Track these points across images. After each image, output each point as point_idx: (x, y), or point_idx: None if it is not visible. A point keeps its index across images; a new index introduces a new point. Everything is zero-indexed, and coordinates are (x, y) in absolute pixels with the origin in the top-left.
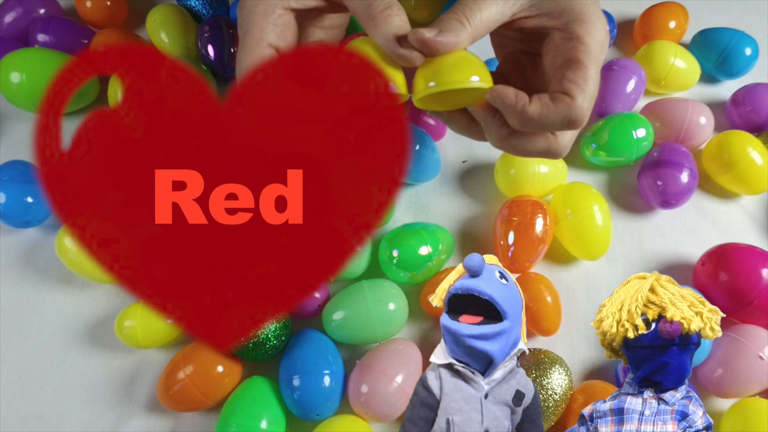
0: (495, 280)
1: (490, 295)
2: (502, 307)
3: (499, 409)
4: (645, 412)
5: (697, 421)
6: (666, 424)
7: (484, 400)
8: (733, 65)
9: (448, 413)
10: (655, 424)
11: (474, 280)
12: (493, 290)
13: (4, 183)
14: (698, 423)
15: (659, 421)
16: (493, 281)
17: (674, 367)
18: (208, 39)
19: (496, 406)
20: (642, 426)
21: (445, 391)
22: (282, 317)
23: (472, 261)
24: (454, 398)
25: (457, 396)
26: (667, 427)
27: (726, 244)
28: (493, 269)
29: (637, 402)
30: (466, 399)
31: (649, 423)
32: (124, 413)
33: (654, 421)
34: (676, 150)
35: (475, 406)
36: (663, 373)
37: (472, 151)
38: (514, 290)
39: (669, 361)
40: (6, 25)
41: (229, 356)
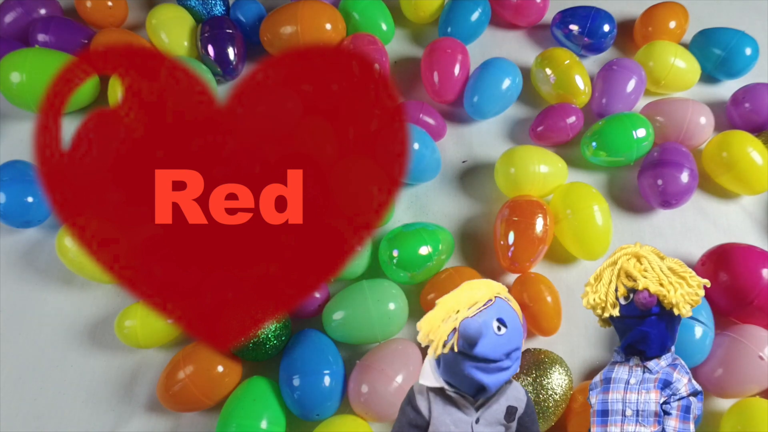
0: (493, 338)
1: (485, 356)
2: (502, 359)
3: (492, 430)
4: (630, 381)
5: (681, 388)
6: (649, 393)
7: (475, 425)
8: (733, 65)
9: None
10: (639, 392)
11: (476, 348)
12: (491, 349)
13: (4, 183)
14: (682, 390)
15: (643, 390)
16: (490, 340)
17: (654, 336)
18: (208, 39)
19: (489, 428)
20: (627, 395)
21: (434, 414)
22: (282, 317)
23: (469, 331)
24: (444, 422)
25: (446, 420)
26: (650, 396)
27: (726, 244)
28: (490, 322)
29: (623, 370)
30: (455, 423)
31: (634, 392)
32: (124, 413)
33: (638, 389)
34: (676, 150)
35: (465, 429)
36: (645, 342)
37: (472, 151)
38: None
39: (648, 330)
40: (6, 25)
41: (229, 356)
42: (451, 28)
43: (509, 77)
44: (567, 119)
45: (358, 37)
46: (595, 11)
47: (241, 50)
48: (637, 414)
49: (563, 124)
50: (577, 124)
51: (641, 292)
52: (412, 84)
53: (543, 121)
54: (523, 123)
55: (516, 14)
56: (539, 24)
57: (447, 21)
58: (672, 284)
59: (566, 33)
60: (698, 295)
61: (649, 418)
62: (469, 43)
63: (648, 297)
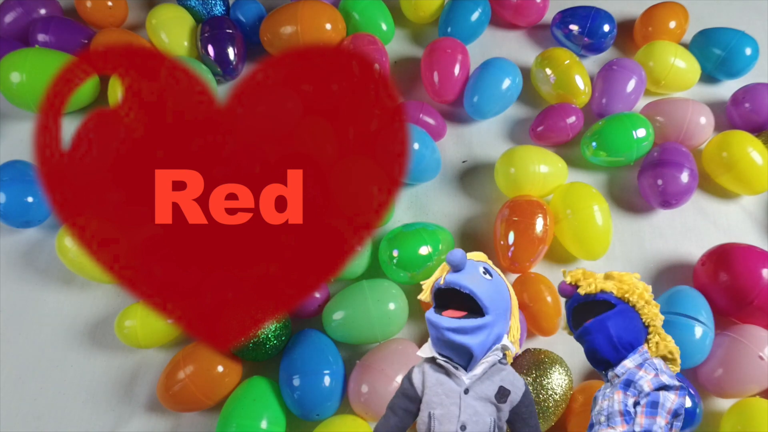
0: (478, 275)
1: (470, 289)
2: (482, 301)
3: (481, 405)
4: (606, 390)
5: (644, 385)
6: (613, 395)
7: (463, 395)
8: (733, 65)
9: (430, 407)
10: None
11: (456, 275)
12: (475, 285)
13: (4, 183)
14: (645, 386)
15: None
16: (475, 276)
17: (599, 341)
18: (208, 39)
19: (478, 401)
20: (603, 403)
21: (427, 385)
22: (282, 317)
23: (453, 256)
24: (436, 392)
25: (438, 390)
26: (614, 397)
27: (726, 244)
28: (478, 265)
29: (605, 387)
30: (446, 393)
31: (606, 398)
32: (124, 413)
33: (608, 396)
34: (676, 150)
35: (454, 400)
36: (594, 352)
37: (472, 151)
38: (499, 286)
39: (593, 338)
40: (6, 25)
41: (229, 356)
42: (451, 28)
43: (509, 77)
44: (567, 119)
45: (358, 37)
46: (595, 11)
47: (241, 50)
48: (608, 419)
49: (563, 124)
50: (577, 124)
51: (561, 282)
52: (412, 84)
53: (543, 121)
54: (523, 123)
55: (516, 14)
56: (539, 24)
57: (447, 21)
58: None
59: (566, 33)
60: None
61: (615, 418)
62: (469, 43)
63: (566, 285)
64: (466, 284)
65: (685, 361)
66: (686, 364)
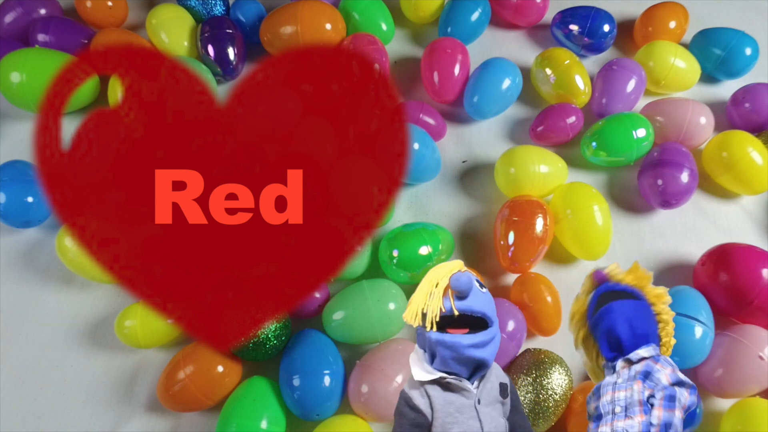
0: (479, 293)
1: (482, 312)
2: (490, 318)
3: (494, 409)
4: (618, 381)
5: (662, 378)
6: (633, 385)
7: (478, 406)
8: (733, 65)
9: (445, 429)
10: (626, 389)
11: (465, 302)
12: (482, 305)
13: (4, 183)
14: (663, 380)
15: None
16: (478, 295)
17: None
18: (208, 39)
19: (490, 407)
20: (615, 394)
21: (436, 408)
22: (282, 317)
23: (461, 284)
24: (448, 412)
25: (450, 409)
26: (635, 386)
27: (726, 244)
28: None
29: (611, 378)
30: (459, 410)
31: (622, 389)
32: (124, 413)
33: (625, 386)
34: (676, 150)
35: (471, 414)
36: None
37: (472, 151)
38: (490, 294)
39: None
40: (6, 25)
41: (229, 356)
42: (451, 28)
43: (509, 77)
44: (567, 119)
45: (358, 37)
46: (595, 11)
47: (241, 50)
48: (626, 409)
49: (563, 124)
50: (577, 124)
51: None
52: (412, 84)
53: (543, 121)
54: (523, 123)
55: (516, 14)
56: (539, 24)
57: (447, 21)
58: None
59: (566, 33)
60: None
61: (634, 408)
62: (469, 43)
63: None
64: (479, 309)
65: (685, 361)
66: (686, 364)
